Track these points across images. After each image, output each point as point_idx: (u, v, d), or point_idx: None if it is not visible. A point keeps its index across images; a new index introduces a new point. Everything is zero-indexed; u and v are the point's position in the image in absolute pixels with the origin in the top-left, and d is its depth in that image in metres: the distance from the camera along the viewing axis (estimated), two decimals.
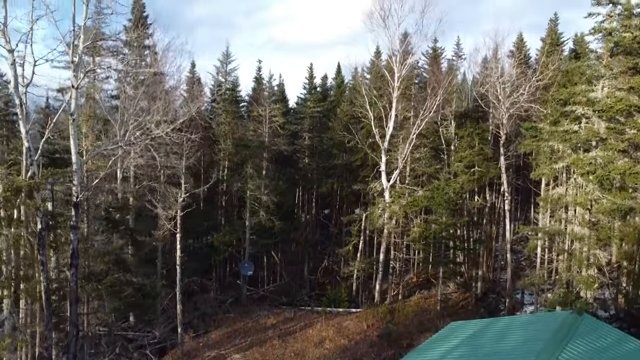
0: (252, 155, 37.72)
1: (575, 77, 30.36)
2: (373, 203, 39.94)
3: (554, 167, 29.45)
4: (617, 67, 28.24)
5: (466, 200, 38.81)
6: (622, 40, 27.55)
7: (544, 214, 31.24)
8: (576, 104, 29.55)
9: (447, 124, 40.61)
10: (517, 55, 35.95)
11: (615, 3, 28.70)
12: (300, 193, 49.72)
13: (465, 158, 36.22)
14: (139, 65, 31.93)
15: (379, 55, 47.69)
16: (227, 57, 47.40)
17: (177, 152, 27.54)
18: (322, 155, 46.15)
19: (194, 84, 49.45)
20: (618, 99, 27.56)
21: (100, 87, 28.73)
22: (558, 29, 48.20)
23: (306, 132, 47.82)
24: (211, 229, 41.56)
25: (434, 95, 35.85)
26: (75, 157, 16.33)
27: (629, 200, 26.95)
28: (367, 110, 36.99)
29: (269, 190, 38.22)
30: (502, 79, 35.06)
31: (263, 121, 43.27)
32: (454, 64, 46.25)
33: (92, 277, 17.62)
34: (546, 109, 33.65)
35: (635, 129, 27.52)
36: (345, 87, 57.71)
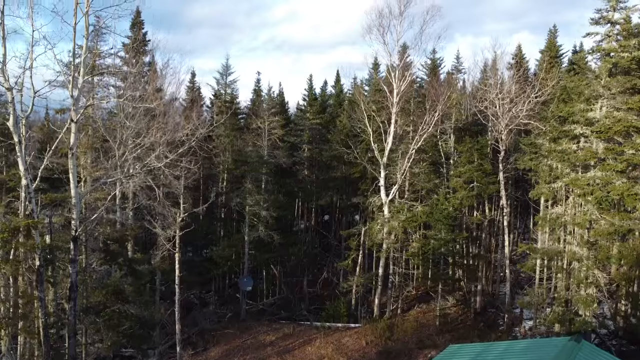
0: (251, 170, 37.72)
1: (574, 95, 30.39)
2: (372, 218, 39.97)
3: (553, 186, 29.48)
4: (615, 88, 28.27)
5: (465, 215, 38.83)
6: (620, 62, 27.56)
7: (542, 232, 31.28)
8: (574, 122, 29.60)
9: (446, 137, 40.66)
10: (516, 71, 35.95)
11: (614, 23, 28.75)
12: (300, 205, 49.72)
13: (465, 174, 36.26)
14: (138, 82, 31.98)
15: (377, 67, 47.71)
16: (226, 69, 47.47)
17: (177, 175, 27.55)
18: (321, 167, 46.19)
19: (194, 101, 49.56)
20: (617, 120, 27.58)
21: (99, 104, 28.66)
22: (557, 41, 48.30)
23: (305, 144, 47.85)
24: (210, 242, 41.63)
25: (432, 111, 35.88)
26: (74, 191, 16.33)
27: (628, 221, 26.99)
28: (366, 125, 37.04)
29: (268, 204, 38.24)
30: (501, 95, 35.09)
31: (262, 133, 43.38)
32: (454, 76, 46.21)
33: (90, 310, 17.63)
34: (545, 126, 33.68)
35: (634, 150, 27.54)
36: (344, 96, 57.77)
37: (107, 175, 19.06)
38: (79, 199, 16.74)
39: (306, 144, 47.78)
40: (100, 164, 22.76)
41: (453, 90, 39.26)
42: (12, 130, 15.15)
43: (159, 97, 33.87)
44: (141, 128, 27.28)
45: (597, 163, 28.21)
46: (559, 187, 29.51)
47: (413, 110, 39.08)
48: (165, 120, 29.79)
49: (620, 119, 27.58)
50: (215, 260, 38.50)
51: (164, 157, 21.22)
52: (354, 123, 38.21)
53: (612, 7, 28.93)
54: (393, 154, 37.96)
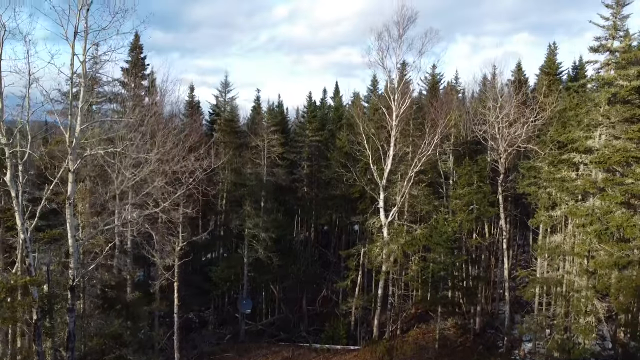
0: (251, 194, 37.68)
1: (573, 122, 30.33)
2: (371, 236, 39.93)
3: (552, 214, 29.44)
4: (614, 117, 28.24)
5: (464, 236, 38.79)
6: (619, 92, 27.52)
7: (541, 260, 31.24)
8: (574, 150, 29.57)
9: (445, 157, 40.63)
10: (516, 95, 35.87)
11: (613, 51, 28.72)
12: (299, 223, 49.70)
13: (464, 196, 36.20)
14: (137, 105, 31.98)
15: (376, 83, 47.69)
16: (226, 86, 47.43)
17: (176, 204, 27.53)
18: (320, 185, 46.17)
19: (194, 115, 49.51)
20: (616, 149, 27.55)
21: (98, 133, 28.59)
22: (556, 58, 48.24)
23: (305, 161, 47.81)
24: (210, 261, 41.63)
25: (432, 134, 35.83)
26: (71, 241, 16.30)
27: (627, 251, 26.95)
28: (365, 147, 36.99)
29: (268, 224, 38.19)
30: (499, 118, 35.06)
31: (261, 151, 43.42)
32: (452, 96, 46.10)
33: (88, 358, 17.61)
34: (544, 149, 33.64)
35: (634, 179, 27.50)
36: (343, 110, 57.75)
37: (105, 222, 19.04)
38: (77, 248, 16.71)
39: (305, 161, 47.74)
40: (97, 199, 22.72)
41: (452, 113, 39.11)
42: (8, 184, 15.12)
43: (158, 121, 34.01)
44: (140, 158, 27.36)
45: (596, 192, 28.17)
46: (558, 215, 29.46)
47: (412, 131, 39.02)
48: (164, 142, 29.81)
49: (620, 149, 27.55)
50: (214, 280, 38.50)
51: (161, 200, 21.13)
52: (353, 145, 38.15)
53: (610, 36, 28.94)
54: (392, 175, 37.94)
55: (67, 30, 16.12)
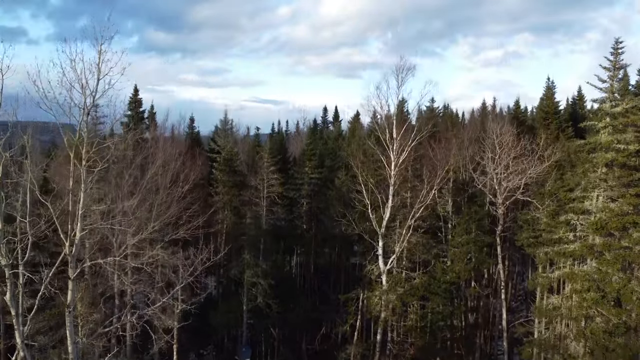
0: (250, 242, 37.83)
1: (571, 182, 30.45)
2: (370, 282, 40.02)
3: (550, 275, 29.59)
4: (612, 180, 28.38)
5: (463, 285, 38.93)
6: (617, 159, 27.65)
7: (539, 321, 31.39)
8: (571, 211, 29.71)
9: (444, 202, 40.73)
10: (514, 146, 35.94)
11: (612, 116, 28.83)
12: (298, 262, 49.92)
13: (463, 245, 36.33)
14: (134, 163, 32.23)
15: (376, 116, 47.63)
16: (225, 123, 47.58)
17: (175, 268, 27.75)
18: (320, 223, 46.32)
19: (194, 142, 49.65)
20: (614, 214, 27.68)
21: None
22: (555, 96, 48.40)
23: (304, 198, 47.94)
24: (209, 303, 41.71)
25: (430, 182, 35.92)
26: (71, 348, 16.48)
27: (624, 316, 27.09)
28: (364, 196, 37.08)
29: (267, 271, 38.34)
30: (498, 169, 35.18)
31: (261, 190, 43.64)
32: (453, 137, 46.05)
33: None
34: (543, 202, 33.80)
35: (631, 244, 27.64)
36: (342, 142, 57.91)
37: (104, 325, 19.22)
38: (77, 353, 16.87)
39: (305, 198, 47.85)
40: (96, 298, 22.94)
41: (452, 157, 39.23)
42: (8, 303, 15.28)
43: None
44: (140, 224, 27.58)
45: (594, 257, 28.30)
46: (555, 277, 29.61)
47: (411, 178, 39.14)
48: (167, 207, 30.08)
49: (618, 214, 27.68)
50: (213, 325, 38.67)
51: (158, 298, 21.34)
52: (352, 193, 38.24)
53: (609, 99, 29.07)
54: (391, 223, 38.03)
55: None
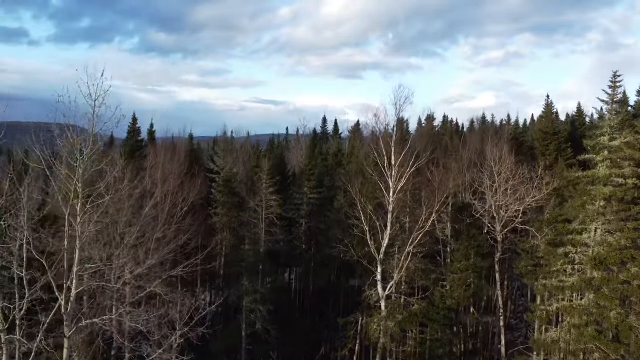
0: (249, 269, 37.83)
1: (570, 214, 30.41)
2: (369, 307, 40.01)
3: (548, 308, 29.56)
4: (610, 214, 28.34)
5: (462, 311, 38.91)
6: (615, 194, 27.61)
7: (537, 354, 31.35)
8: (569, 243, 29.68)
9: (443, 225, 40.70)
10: (512, 176, 35.90)
11: (610, 150, 28.79)
12: (297, 283, 49.93)
13: (462, 272, 36.30)
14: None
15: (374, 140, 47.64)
16: (227, 143, 47.57)
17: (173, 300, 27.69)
18: (319, 244, 46.33)
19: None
20: (612, 248, 27.65)
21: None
22: (554, 115, 48.32)
23: (303, 218, 47.94)
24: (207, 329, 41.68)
25: (429, 209, 35.88)
26: None
27: (622, 352, 27.05)
28: (363, 222, 37.04)
29: (265, 296, 38.33)
30: (496, 196, 35.15)
31: (260, 211, 43.65)
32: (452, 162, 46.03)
33: None
34: (542, 230, 33.78)
35: (629, 278, 27.59)
36: (341, 157, 57.90)
37: None
38: None
39: (304, 219, 47.86)
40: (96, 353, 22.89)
41: (452, 180, 39.21)
42: None
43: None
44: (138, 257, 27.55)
45: (592, 291, 28.25)
46: (554, 309, 29.58)
47: (410, 202, 39.12)
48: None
49: (616, 248, 27.64)
50: (212, 352, 38.63)
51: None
52: (350, 219, 38.18)
53: (607, 132, 29.03)
54: (390, 249, 38.00)
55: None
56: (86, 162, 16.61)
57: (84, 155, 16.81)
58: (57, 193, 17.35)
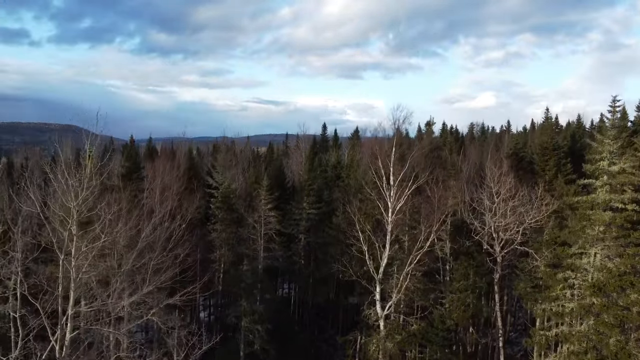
0: (247, 290, 37.68)
1: (569, 239, 30.23)
2: (368, 327, 39.87)
3: (547, 334, 29.41)
4: (609, 240, 28.19)
5: (461, 330, 38.76)
6: (614, 221, 27.47)
7: None
8: (569, 269, 29.53)
9: (442, 243, 40.55)
10: (511, 199, 35.74)
11: (610, 174, 28.64)
12: (296, 300, 49.82)
13: (461, 292, 36.17)
14: None
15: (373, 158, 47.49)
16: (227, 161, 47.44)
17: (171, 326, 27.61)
18: (318, 260, 46.22)
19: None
20: (612, 276, 27.49)
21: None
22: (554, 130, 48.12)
23: (302, 234, 47.82)
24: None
25: (428, 229, 35.75)
26: None
27: None
28: (361, 242, 36.91)
29: (264, 317, 38.19)
30: (495, 218, 35.00)
31: (259, 228, 43.60)
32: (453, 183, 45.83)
33: None
34: (541, 252, 33.64)
35: (629, 304, 27.44)
36: (340, 170, 57.77)
37: None
38: None
39: (303, 234, 47.75)
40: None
41: (452, 199, 39.08)
42: None
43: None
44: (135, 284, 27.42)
45: (591, 317, 28.11)
46: (553, 334, 29.42)
47: (409, 221, 39.00)
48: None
49: (616, 274, 27.49)
50: None
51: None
52: (349, 240, 38.06)
53: (606, 157, 28.89)
54: (389, 268, 37.87)
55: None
56: (81, 205, 16.46)
57: (79, 199, 16.65)
58: (52, 236, 17.17)
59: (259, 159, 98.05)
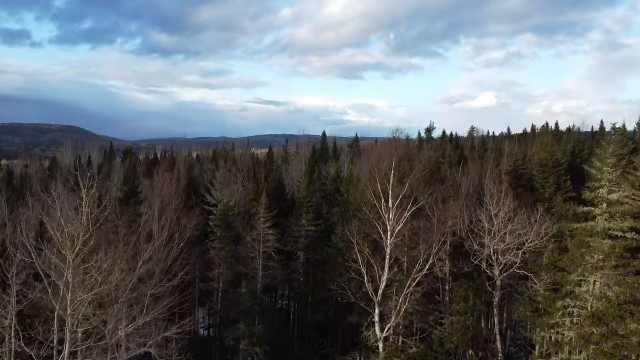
0: (246, 312, 37.58)
1: (569, 267, 30.14)
2: (367, 348, 39.76)
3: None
4: (608, 269, 28.11)
5: (459, 354, 38.63)
6: (614, 250, 27.37)
7: None
8: (568, 297, 29.44)
9: (442, 263, 40.43)
10: (510, 221, 35.64)
11: (610, 203, 28.55)
12: (295, 317, 49.72)
13: (461, 315, 36.05)
14: None
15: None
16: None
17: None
18: (317, 278, 46.10)
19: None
20: (611, 305, 27.40)
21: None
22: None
23: (301, 251, 47.69)
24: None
25: (427, 251, 35.63)
26: None
27: None
28: (360, 265, 36.79)
29: (262, 338, 38.08)
30: (494, 242, 34.90)
31: (257, 245, 43.50)
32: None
33: None
34: (541, 276, 33.55)
35: (627, 333, 27.35)
36: (339, 183, 57.64)
37: None
38: None
39: (302, 251, 47.60)
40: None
41: (451, 218, 38.97)
42: None
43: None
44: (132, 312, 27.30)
45: (590, 347, 28.03)
46: None
47: (408, 241, 38.90)
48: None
49: (615, 303, 27.40)
50: None
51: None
52: (347, 262, 37.93)
53: (605, 185, 28.79)
54: (388, 290, 37.76)
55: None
56: (76, 258, 16.34)
57: (75, 247, 16.54)
58: (47, 287, 17.06)
59: (259, 166, 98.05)
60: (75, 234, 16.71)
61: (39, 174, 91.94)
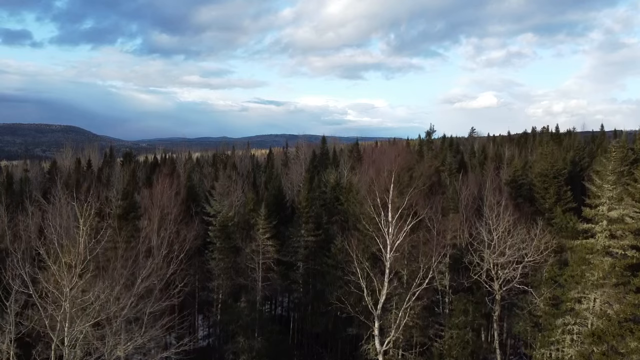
0: (245, 327, 37.49)
1: (569, 284, 30.06)
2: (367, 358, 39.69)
3: None
4: (608, 287, 28.02)
5: None
6: (613, 269, 27.29)
7: None
8: (568, 314, 29.35)
9: (442, 276, 40.35)
10: (508, 234, 35.58)
11: (610, 220, 28.46)
12: (294, 327, 49.64)
13: (460, 329, 35.98)
14: None
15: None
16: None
17: None
18: (316, 291, 46.01)
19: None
20: (611, 324, 27.30)
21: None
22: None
23: (301, 261, 47.62)
24: None
25: (427, 265, 35.56)
26: None
27: None
28: (359, 279, 36.70)
29: (262, 348, 38.03)
30: (494, 256, 34.80)
31: (257, 256, 43.44)
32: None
33: None
34: (541, 291, 33.47)
35: (628, 352, 27.25)
36: (341, 189, 57.55)
37: None
38: None
39: (301, 261, 47.53)
40: None
41: (452, 229, 38.89)
42: None
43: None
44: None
45: None
46: None
47: (407, 254, 38.81)
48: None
49: (615, 322, 27.30)
50: None
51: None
52: (347, 275, 37.85)
53: (605, 203, 28.70)
54: (388, 304, 37.68)
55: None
56: (73, 289, 16.26)
57: (73, 277, 16.46)
58: (45, 318, 16.97)
59: (259, 170, 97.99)
60: (73, 264, 16.62)
61: (39, 178, 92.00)
